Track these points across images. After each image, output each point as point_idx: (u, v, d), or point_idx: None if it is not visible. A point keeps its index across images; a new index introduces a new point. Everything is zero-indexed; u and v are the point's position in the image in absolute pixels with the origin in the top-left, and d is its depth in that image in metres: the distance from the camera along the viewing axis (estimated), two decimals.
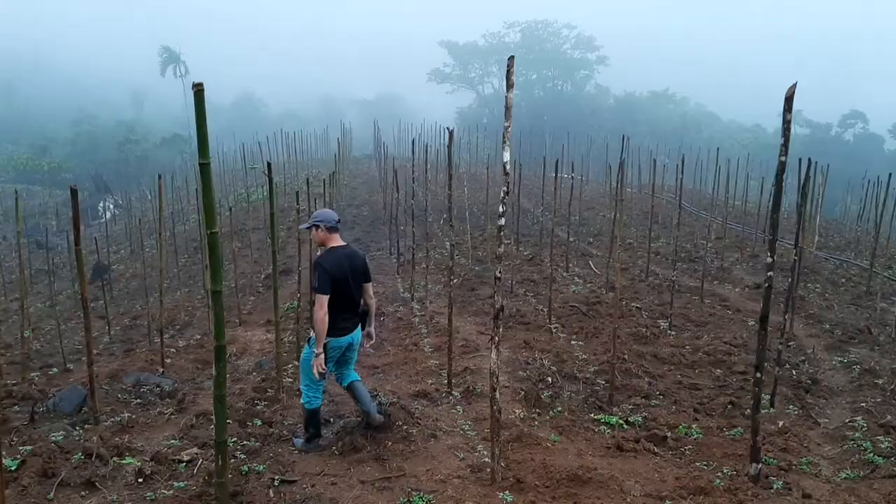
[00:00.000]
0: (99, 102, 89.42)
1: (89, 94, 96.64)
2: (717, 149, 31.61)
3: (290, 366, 9.30)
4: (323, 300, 5.75)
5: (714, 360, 9.57)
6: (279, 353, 8.04)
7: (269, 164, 6.96)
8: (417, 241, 18.88)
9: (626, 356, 9.33)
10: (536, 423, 7.06)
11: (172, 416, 7.34)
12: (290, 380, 8.34)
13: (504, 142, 5.19)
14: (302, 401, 6.19)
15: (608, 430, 6.94)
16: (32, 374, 9.56)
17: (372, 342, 6.67)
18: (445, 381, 8.09)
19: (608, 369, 8.83)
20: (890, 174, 20.87)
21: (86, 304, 6.90)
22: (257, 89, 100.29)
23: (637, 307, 12.57)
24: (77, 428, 6.63)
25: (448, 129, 9.42)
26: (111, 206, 44.85)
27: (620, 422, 7.13)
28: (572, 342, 10.19)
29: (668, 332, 10.90)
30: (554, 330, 10.75)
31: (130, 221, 35.56)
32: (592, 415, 7.39)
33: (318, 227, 6.04)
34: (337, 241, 6.11)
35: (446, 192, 12.82)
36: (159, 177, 12.08)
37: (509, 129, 5.23)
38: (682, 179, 19.12)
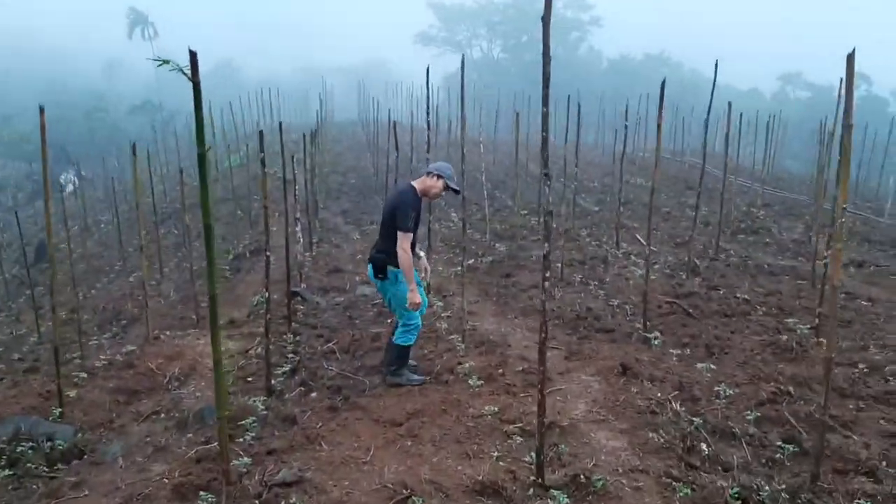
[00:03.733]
0: (70, 72, 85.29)
1: (62, 63, 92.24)
2: (741, 113, 28.77)
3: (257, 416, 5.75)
4: (409, 237, 5.94)
5: None
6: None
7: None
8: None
9: (789, 389, 5.86)
10: None
11: None
12: (246, 460, 4.76)
13: None
14: (398, 340, 6.17)
15: None
16: None
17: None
18: (525, 457, 4.63)
19: (773, 414, 5.40)
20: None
21: None
22: (236, 56, 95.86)
23: (745, 299, 9.08)
24: None
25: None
26: (74, 179, 42.24)
27: None
28: (694, 363, 6.67)
29: (813, 338, 7.42)
30: (654, 341, 7.24)
31: (95, 195, 32.05)
32: None
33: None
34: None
35: (447, 154, 9.43)
36: (133, 148, 9.92)
37: None
38: (705, 142, 15.52)
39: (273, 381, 6.62)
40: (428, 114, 10.08)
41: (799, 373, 6.37)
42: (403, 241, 5.87)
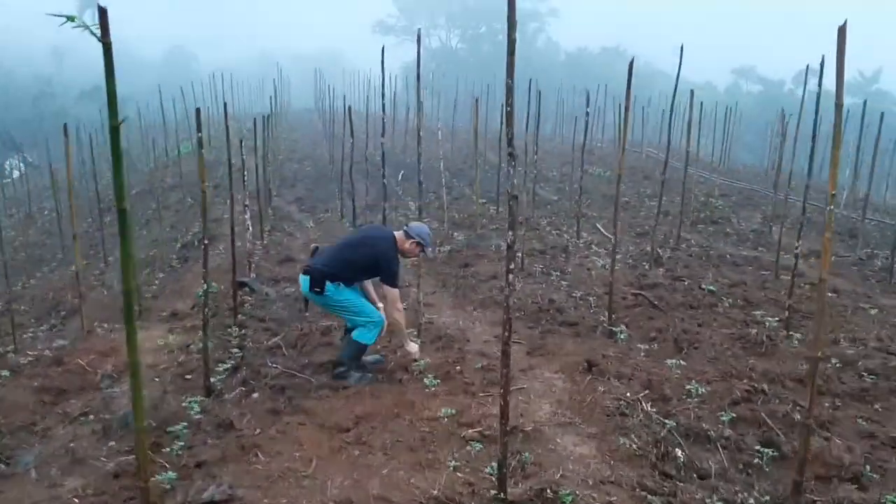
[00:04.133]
0: (16, 56, 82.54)
1: (7, 48, 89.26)
2: (701, 102, 28.79)
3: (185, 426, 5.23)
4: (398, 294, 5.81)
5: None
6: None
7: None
8: (373, 201, 14.90)
9: (762, 387, 5.51)
10: None
11: None
12: (171, 475, 4.24)
13: None
14: (357, 336, 5.83)
15: None
16: None
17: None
18: (486, 467, 4.19)
19: (749, 414, 5.06)
20: None
21: None
22: (188, 43, 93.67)
23: (710, 290, 8.75)
24: None
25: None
26: (20, 165, 41.22)
27: None
28: (662, 359, 6.30)
29: (782, 331, 7.10)
30: (620, 335, 6.85)
31: (42, 182, 30.96)
32: None
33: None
34: None
35: (404, 143, 8.98)
36: (65, 130, 9.72)
37: None
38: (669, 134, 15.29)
39: (212, 380, 6.10)
40: (383, 96, 9.58)
41: (771, 368, 6.04)
42: (397, 300, 5.79)
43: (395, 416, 4.95)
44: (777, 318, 7.41)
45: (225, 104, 10.74)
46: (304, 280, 5.85)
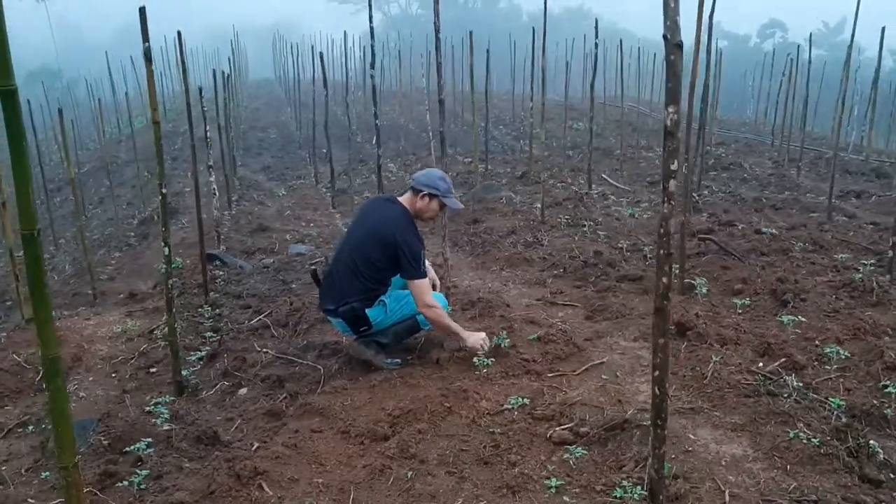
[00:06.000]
0: None
1: None
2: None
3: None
4: (428, 285, 4.25)
5: None
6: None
7: None
8: (346, 167, 13.42)
9: None
10: None
11: None
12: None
13: None
14: (419, 316, 4.30)
15: None
16: None
17: None
18: (601, 481, 2.81)
19: None
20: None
21: None
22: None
23: (773, 234, 7.41)
24: None
25: None
26: None
27: None
28: (763, 315, 4.93)
29: (878, 278, 5.74)
30: (700, 289, 5.45)
31: None
32: None
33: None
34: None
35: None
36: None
37: None
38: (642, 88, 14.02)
39: (184, 373, 4.64)
40: (372, 49, 8.06)
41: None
42: (424, 293, 4.17)
43: (446, 411, 3.52)
44: (871, 263, 6.07)
45: (184, 61, 9.09)
46: (339, 324, 4.40)
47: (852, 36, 9.07)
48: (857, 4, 8.43)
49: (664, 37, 2.00)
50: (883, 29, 10.14)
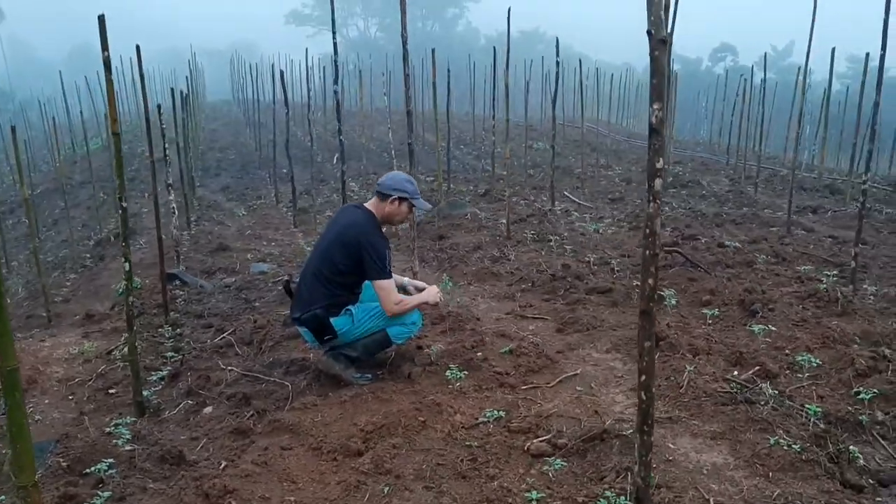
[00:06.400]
0: None
1: None
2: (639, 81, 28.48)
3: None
4: (393, 285, 4.21)
5: None
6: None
7: None
8: (308, 186, 13.33)
9: (884, 352, 4.20)
10: None
11: None
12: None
13: None
14: (391, 331, 4.25)
15: None
16: None
17: None
18: (583, 492, 2.74)
19: (888, 388, 3.76)
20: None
21: None
22: (96, 43, 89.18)
23: (736, 247, 7.48)
24: None
25: None
26: None
27: None
28: (732, 325, 4.95)
29: (841, 288, 5.78)
30: (669, 300, 5.43)
31: None
32: None
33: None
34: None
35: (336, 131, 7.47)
36: None
37: None
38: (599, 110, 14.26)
39: (145, 393, 4.48)
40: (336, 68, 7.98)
41: (869, 329, 4.75)
42: (390, 293, 4.15)
43: (420, 425, 3.43)
44: (833, 274, 6.14)
45: (142, 75, 8.88)
46: (305, 333, 4.30)
47: (807, 58, 9.24)
48: (812, 27, 8.58)
49: (648, 32, 1.97)
50: (833, 49, 10.36)
